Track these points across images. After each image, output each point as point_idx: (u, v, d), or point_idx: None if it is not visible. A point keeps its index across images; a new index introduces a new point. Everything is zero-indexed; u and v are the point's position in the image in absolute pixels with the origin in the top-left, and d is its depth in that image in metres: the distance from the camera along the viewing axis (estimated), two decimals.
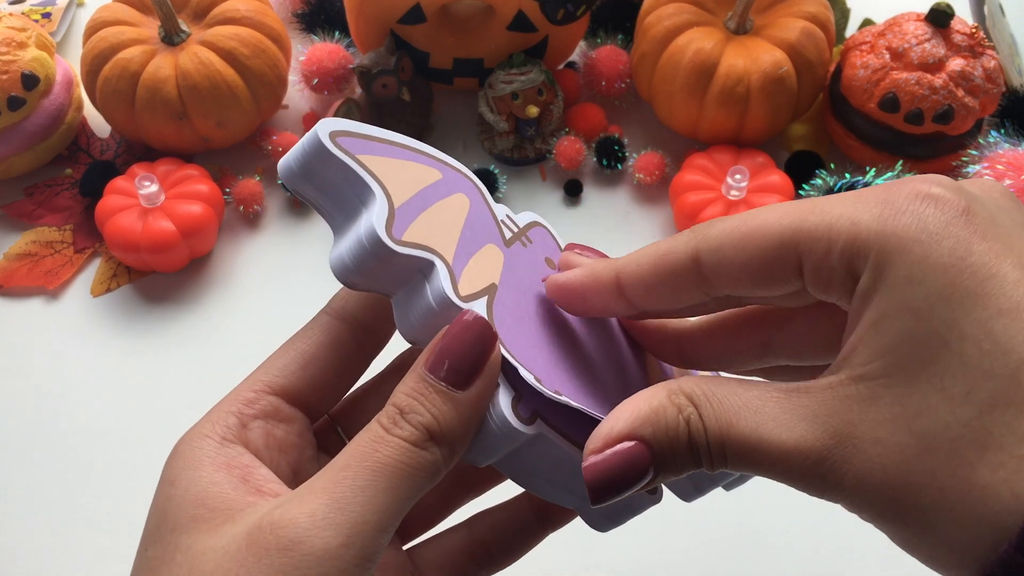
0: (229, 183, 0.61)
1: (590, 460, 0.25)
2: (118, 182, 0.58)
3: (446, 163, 0.31)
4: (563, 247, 0.33)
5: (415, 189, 0.29)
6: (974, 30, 0.57)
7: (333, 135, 0.28)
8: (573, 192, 0.62)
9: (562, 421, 0.28)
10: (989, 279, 0.22)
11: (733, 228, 0.26)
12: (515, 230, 0.33)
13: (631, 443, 0.25)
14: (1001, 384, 0.22)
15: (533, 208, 0.61)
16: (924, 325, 0.23)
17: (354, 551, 0.25)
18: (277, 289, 0.58)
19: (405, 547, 0.35)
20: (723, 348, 0.31)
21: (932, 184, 0.24)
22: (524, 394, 0.28)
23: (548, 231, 0.34)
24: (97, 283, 0.58)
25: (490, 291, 0.29)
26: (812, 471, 0.23)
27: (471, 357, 0.27)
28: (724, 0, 0.61)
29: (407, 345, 0.29)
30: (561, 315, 0.31)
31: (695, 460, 0.25)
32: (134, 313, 0.57)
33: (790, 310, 0.29)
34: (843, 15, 0.70)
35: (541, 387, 0.27)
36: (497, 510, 0.35)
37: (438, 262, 0.28)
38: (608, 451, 0.25)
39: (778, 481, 0.24)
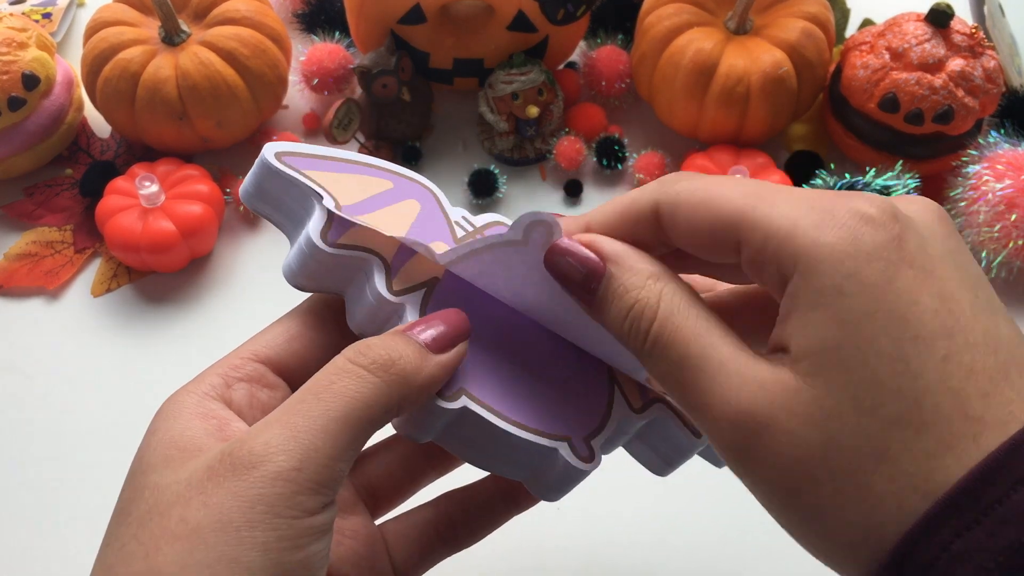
0: (229, 183, 0.61)
1: (566, 240, 0.29)
2: (118, 182, 0.58)
3: (399, 174, 0.34)
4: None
5: (361, 196, 0.32)
6: (974, 30, 0.57)
7: (279, 155, 0.31)
8: (573, 192, 0.62)
9: (491, 397, 0.31)
10: (911, 305, 0.24)
11: (693, 191, 0.28)
12: (469, 229, 0.35)
13: (598, 259, 0.29)
14: (905, 404, 0.24)
15: (533, 206, 0.61)
16: (848, 337, 0.24)
17: (306, 475, 0.26)
18: (277, 289, 0.58)
19: (377, 521, 0.36)
20: None
21: (873, 206, 0.25)
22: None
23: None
24: (97, 283, 0.58)
25: (430, 284, 0.31)
26: (735, 435, 0.26)
27: (451, 332, 0.30)
28: (724, 0, 0.61)
29: None
30: (514, 311, 0.33)
31: (625, 333, 0.28)
32: (134, 313, 0.57)
33: (740, 303, 0.32)
34: (843, 15, 0.70)
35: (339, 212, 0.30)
36: (463, 490, 0.37)
37: (376, 260, 0.31)
38: (582, 248, 0.29)
39: (692, 414, 0.27)
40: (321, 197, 0.31)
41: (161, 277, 0.58)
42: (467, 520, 0.36)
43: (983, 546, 0.23)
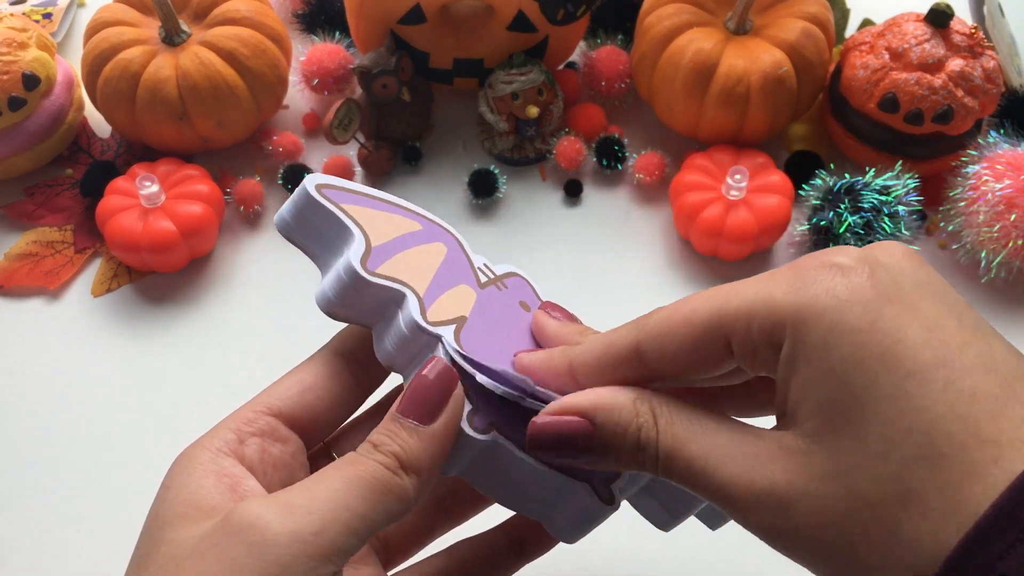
0: (229, 183, 0.61)
1: (540, 417, 0.29)
2: (118, 182, 0.58)
3: (427, 218, 0.36)
4: (540, 301, 0.37)
5: (394, 234, 0.33)
6: (973, 30, 0.57)
7: (319, 187, 0.32)
8: (573, 192, 0.62)
9: (519, 433, 0.31)
10: (899, 342, 0.24)
11: (667, 317, 0.28)
12: (491, 276, 0.37)
13: (581, 420, 0.29)
14: (918, 441, 0.24)
15: (533, 206, 0.61)
16: (843, 388, 0.24)
17: (324, 540, 0.26)
18: (277, 289, 0.58)
19: (389, 573, 0.36)
20: None
21: (838, 254, 0.26)
22: (480, 407, 0.31)
23: (526, 281, 0.38)
24: (97, 283, 0.58)
25: (459, 321, 0.33)
26: (764, 518, 0.26)
27: (435, 396, 0.30)
28: (724, 0, 0.61)
29: (399, 380, 0.32)
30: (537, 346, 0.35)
31: (639, 462, 0.28)
32: (135, 313, 0.57)
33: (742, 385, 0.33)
34: (843, 15, 0.70)
35: (453, 343, 0.31)
36: (476, 538, 0.37)
37: (409, 293, 0.32)
38: (559, 417, 0.29)
39: (720, 506, 0.27)
40: (358, 231, 0.32)
41: (161, 277, 0.58)
42: (478, 568, 0.37)
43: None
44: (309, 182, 0.32)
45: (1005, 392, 0.24)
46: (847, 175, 0.56)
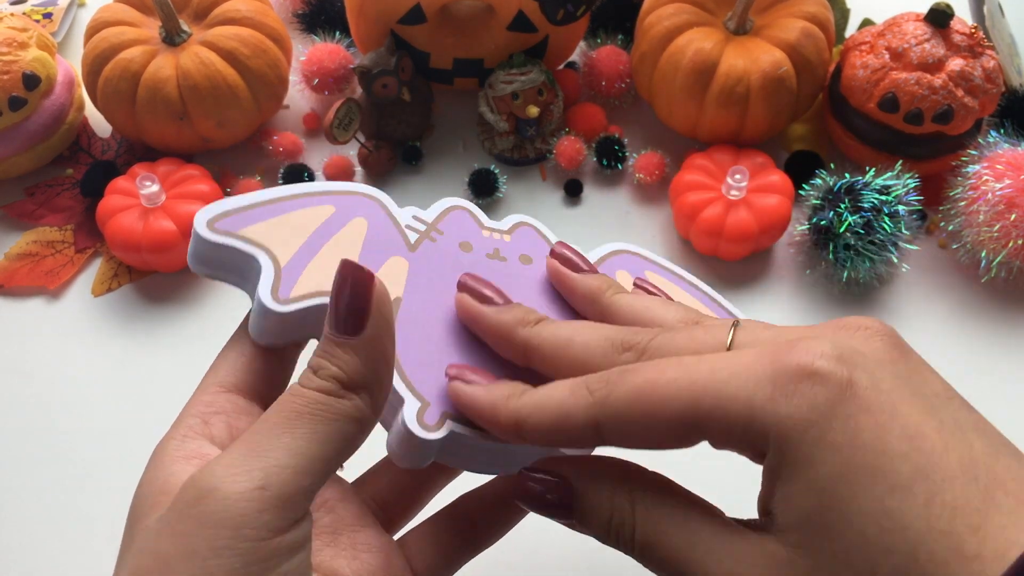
0: (230, 183, 0.61)
1: (525, 479, 0.29)
2: (119, 182, 0.58)
3: (339, 192, 0.34)
4: (552, 242, 0.36)
5: (302, 239, 0.32)
6: (973, 30, 0.57)
7: (210, 222, 0.31)
8: (573, 192, 0.62)
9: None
10: (879, 456, 0.24)
11: (630, 402, 0.27)
12: (421, 229, 0.35)
13: (565, 487, 0.28)
14: (901, 561, 0.23)
15: (534, 208, 0.61)
16: (827, 504, 0.24)
17: (271, 492, 0.25)
18: None
19: (396, 536, 0.36)
20: None
21: (819, 356, 0.25)
22: (431, 401, 0.31)
23: (533, 228, 0.38)
24: (98, 283, 0.58)
25: (394, 304, 0.32)
26: None
27: (355, 302, 0.28)
28: (724, 0, 0.61)
29: None
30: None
31: (617, 545, 0.28)
32: (135, 313, 0.57)
33: None
34: (843, 15, 0.70)
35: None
36: (478, 490, 0.37)
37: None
38: (542, 482, 0.29)
39: None
40: (263, 255, 0.31)
41: (162, 277, 0.58)
42: (485, 516, 0.36)
43: None
44: (198, 221, 0.31)
45: (986, 503, 0.24)
46: (847, 175, 0.56)
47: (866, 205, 0.54)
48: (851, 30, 0.70)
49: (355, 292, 0.28)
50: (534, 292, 0.35)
